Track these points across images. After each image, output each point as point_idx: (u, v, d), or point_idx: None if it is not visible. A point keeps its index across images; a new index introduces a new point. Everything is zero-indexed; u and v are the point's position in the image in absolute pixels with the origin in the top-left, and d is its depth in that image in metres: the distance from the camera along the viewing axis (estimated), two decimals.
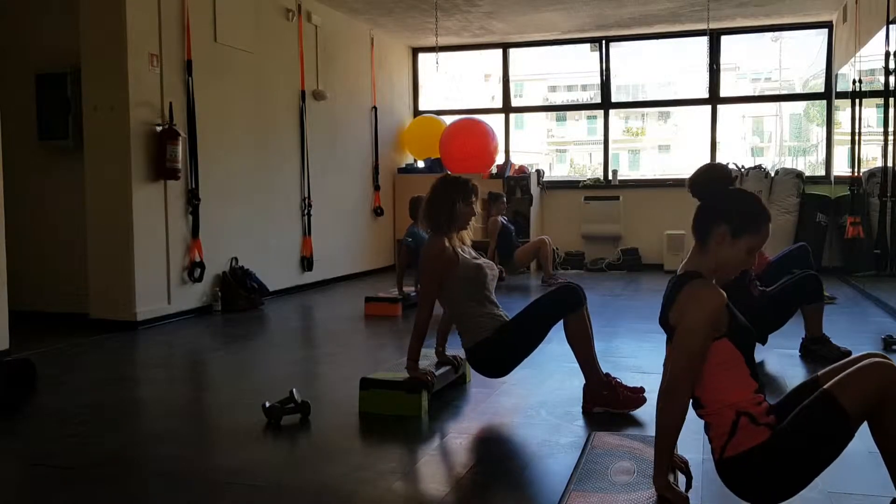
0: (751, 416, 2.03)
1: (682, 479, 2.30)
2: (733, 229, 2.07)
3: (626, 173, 18.22)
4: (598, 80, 9.95)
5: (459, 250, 3.47)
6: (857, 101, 7.26)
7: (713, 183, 2.15)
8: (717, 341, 2.06)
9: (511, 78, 10.29)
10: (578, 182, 9.96)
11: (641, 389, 3.34)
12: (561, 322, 3.37)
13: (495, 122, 9.89)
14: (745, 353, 2.08)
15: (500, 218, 7.97)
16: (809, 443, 1.98)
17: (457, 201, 3.43)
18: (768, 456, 2.00)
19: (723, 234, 2.08)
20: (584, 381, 3.40)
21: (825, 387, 2.00)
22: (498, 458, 2.86)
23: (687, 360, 2.04)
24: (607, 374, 3.39)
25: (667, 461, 2.09)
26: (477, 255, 3.59)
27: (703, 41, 9.15)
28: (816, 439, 1.98)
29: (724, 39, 9.36)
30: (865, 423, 2.00)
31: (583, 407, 3.37)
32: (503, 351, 3.41)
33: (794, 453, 1.99)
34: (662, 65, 17.27)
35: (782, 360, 4.27)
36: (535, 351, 3.45)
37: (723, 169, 2.18)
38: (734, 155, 20.92)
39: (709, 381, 2.09)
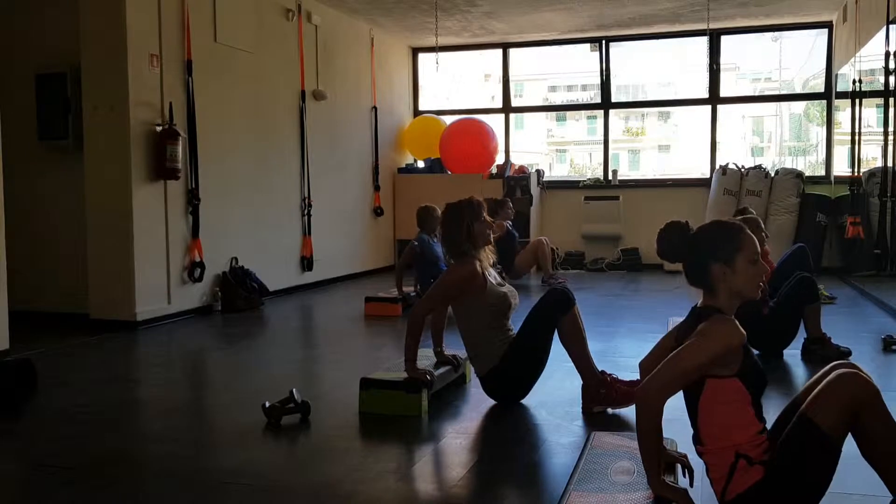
0: (748, 459, 2.02)
1: (681, 475, 2.30)
2: (724, 260, 2.07)
3: (626, 173, 18.23)
4: (598, 80, 9.94)
5: (487, 274, 3.47)
6: (857, 101, 7.26)
7: (675, 242, 2.17)
8: (726, 379, 2.04)
9: (511, 78, 10.28)
10: (578, 182, 9.96)
11: (638, 383, 3.34)
12: None
13: (495, 122, 9.89)
14: (754, 394, 2.07)
15: (506, 223, 7.96)
16: (800, 473, 1.98)
17: (471, 224, 3.43)
18: (767, 493, 2.00)
19: (720, 271, 2.08)
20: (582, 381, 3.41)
21: (801, 410, 2.01)
22: (498, 459, 2.86)
23: (672, 375, 2.01)
24: (602, 372, 3.39)
25: (655, 462, 2.08)
26: (502, 281, 3.59)
27: (703, 41, 9.15)
28: (805, 467, 1.98)
29: (724, 39, 9.36)
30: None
31: (582, 407, 3.37)
32: (513, 375, 3.43)
33: (790, 485, 1.99)
34: (662, 65, 17.29)
35: (784, 360, 4.27)
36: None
37: (675, 224, 2.20)
38: (734, 155, 20.93)
39: (713, 419, 2.07)
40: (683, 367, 2.02)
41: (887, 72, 6.15)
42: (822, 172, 9.26)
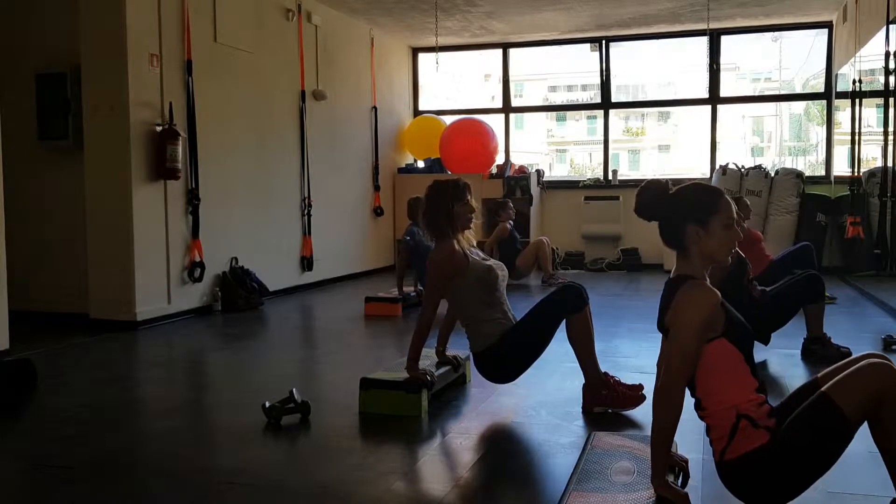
0: (751, 420, 2.03)
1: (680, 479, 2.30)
2: (698, 222, 2.10)
3: (626, 173, 18.26)
4: (598, 80, 9.95)
5: (468, 252, 3.47)
6: (857, 101, 7.26)
7: (654, 198, 2.19)
8: (714, 341, 2.06)
9: (511, 78, 10.29)
10: (578, 182, 9.97)
11: (640, 387, 3.35)
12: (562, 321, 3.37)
13: (495, 122, 9.90)
14: (744, 350, 2.09)
15: (507, 224, 7.97)
16: (809, 446, 1.98)
17: (453, 205, 3.42)
18: (768, 459, 2.00)
19: (694, 232, 2.11)
20: (583, 381, 3.40)
21: (823, 389, 2.01)
22: (498, 459, 2.86)
23: (681, 359, 2.04)
24: (605, 373, 3.39)
25: (663, 460, 2.09)
26: (486, 257, 3.59)
27: (703, 41, 9.15)
28: (816, 442, 1.98)
29: (724, 39, 9.36)
30: (865, 424, 2.00)
31: (582, 407, 3.37)
32: (508, 357, 3.41)
33: (794, 456, 1.99)
34: (662, 65, 17.30)
35: (783, 360, 4.27)
36: None
37: (656, 182, 2.22)
38: (734, 155, 20.95)
39: (709, 383, 2.09)
40: (685, 348, 2.04)
41: (887, 72, 6.15)
42: (822, 172, 9.26)
